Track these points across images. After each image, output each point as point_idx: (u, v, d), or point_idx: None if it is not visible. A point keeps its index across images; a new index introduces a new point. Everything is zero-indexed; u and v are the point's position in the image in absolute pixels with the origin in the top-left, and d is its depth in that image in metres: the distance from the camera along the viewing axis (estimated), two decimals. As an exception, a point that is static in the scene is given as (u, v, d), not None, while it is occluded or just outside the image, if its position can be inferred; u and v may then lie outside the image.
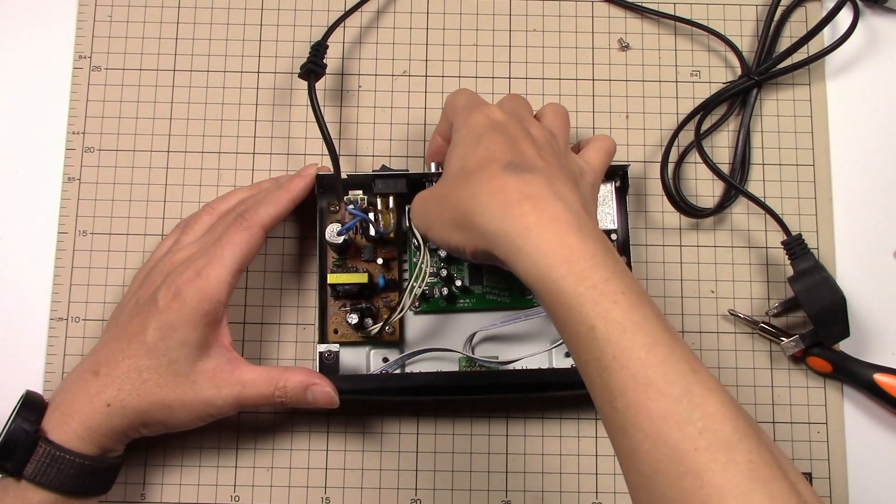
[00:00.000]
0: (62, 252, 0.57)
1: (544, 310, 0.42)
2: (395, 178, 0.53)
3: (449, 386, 0.52)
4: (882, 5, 0.61)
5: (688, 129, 0.58)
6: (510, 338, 0.55)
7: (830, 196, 0.58)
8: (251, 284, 0.57)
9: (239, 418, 0.55)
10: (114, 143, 0.58)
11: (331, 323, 0.54)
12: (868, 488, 0.55)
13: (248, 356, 0.56)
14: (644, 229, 0.58)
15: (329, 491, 0.54)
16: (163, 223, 0.57)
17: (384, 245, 0.54)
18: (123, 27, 0.60)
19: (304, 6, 0.61)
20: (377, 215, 0.53)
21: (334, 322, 0.54)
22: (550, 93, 0.59)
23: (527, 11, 0.61)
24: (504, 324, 0.53)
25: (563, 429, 0.55)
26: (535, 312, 0.53)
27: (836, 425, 0.55)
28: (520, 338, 0.55)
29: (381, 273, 0.54)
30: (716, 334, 0.56)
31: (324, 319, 0.54)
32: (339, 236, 0.52)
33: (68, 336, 0.56)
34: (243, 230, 0.50)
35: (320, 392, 0.49)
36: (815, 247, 0.57)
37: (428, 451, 0.55)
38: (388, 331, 0.53)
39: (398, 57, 0.60)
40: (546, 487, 0.54)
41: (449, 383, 0.52)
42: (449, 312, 0.55)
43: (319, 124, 0.52)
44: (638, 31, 0.60)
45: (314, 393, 0.49)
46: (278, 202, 0.51)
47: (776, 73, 0.58)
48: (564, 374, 0.53)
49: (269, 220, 0.51)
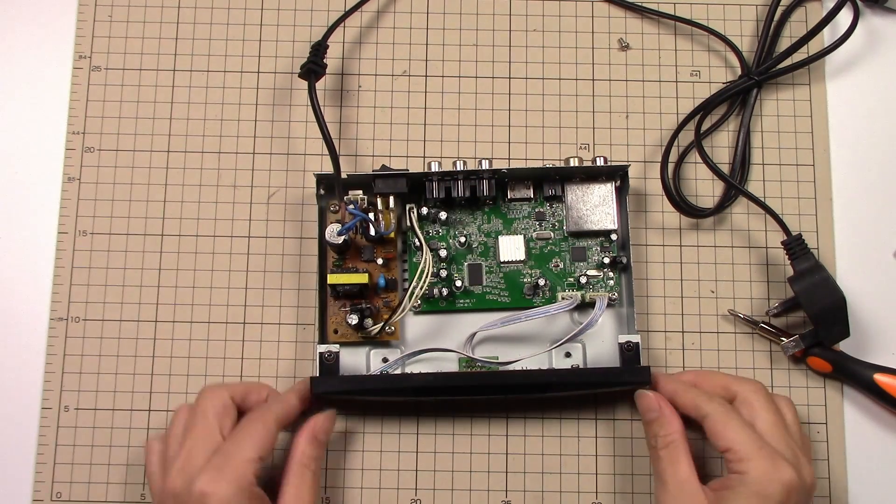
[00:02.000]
0: (62, 252, 0.57)
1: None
2: (395, 178, 0.53)
3: (449, 386, 0.52)
4: (882, 5, 0.61)
5: (688, 129, 0.58)
6: (510, 338, 0.55)
7: (830, 196, 0.58)
8: (251, 284, 0.57)
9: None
10: (114, 143, 0.58)
11: (331, 323, 0.54)
12: (868, 488, 0.55)
13: (248, 356, 0.56)
14: (644, 229, 0.58)
15: (329, 491, 0.54)
16: (163, 223, 0.57)
17: (384, 245, 0.54)
18: (123, 27, 0.60)
19: (303, 6, 0.61)
20: (377, 215, 0.53)
21: (334, 322, 0.54)
22: (550, 93, 0.60)
23: (527, 11, 0.61)
24: (504, 324, 0.53)
25: (563, 429, 0.55)
26: (535, 313, 0.53)
27: (836, 425, 0.55)
28: (520, 339, 0.55)
29: (381, 273, 0.54)
30: (716, 334, 0.56)
31: (324, 319, 0.54)
32: (339, 236, 0.52)
33: (68, 336, 0.56)
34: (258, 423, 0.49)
35: (322, 426, 0.51)
36: (815, 247, 0.57)
37: (428, 451, 0.55)
38: (388, 331, 0.53)
39: (398, 57, 0.60)
40: (546, 487, 0.54)
41: (449, 384, 0.52)
42: (449, 313, 0.55)
43: (319, 124, 0.52)
44: (638, 31, 0.60)
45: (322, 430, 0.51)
46: (286, 400, 0.52)
47: (776, 73, 0.58)
48: (564, 375, 0.53)
49: (284, 417, 0.51)
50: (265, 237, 0.57)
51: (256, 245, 0.57)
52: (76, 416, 0.55)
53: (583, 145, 0.59)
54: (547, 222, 0.55)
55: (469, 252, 0.55)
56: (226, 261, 0.57)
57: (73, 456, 0.55)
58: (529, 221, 0.55)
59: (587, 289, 0.55)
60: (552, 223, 0.55)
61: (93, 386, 0.55)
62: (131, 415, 0.55)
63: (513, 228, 0.55)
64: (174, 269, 0.57)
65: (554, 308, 0.53)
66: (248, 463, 0.47)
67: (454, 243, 0.55)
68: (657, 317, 0.56)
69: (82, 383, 0.55)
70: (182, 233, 0.57)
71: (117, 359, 0.56)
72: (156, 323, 0.56)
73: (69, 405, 0.55)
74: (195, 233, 0.57)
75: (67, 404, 0.55)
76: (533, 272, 0.55)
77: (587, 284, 0.54)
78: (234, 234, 0.57)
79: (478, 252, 0.55)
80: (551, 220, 0.55)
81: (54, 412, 0.55)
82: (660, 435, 0.49)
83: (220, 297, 0.56)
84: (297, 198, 0.58)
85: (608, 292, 0.54)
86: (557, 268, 0.55)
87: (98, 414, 0.55)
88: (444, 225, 0.55)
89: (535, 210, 0.55)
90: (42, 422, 0.55)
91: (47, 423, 0.55)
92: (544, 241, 0.55)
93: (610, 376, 0.52)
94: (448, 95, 0.59)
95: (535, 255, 0.55)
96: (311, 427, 0.50)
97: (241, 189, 0.58)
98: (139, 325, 0.56)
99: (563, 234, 0.55)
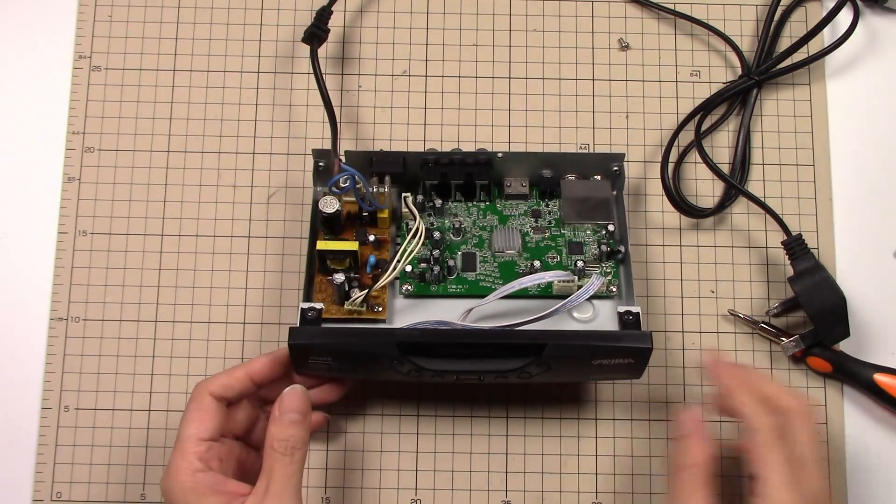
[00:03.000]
0: (62, 252, 0.57)
1: None
2: (392, 158, 0.52)
3: (437, 344, 0.47)
4: (882, 5, 0.61)
5: (688, 129, 0.58)
6: (504, 316, 0.52)
7: (830, 196, 0.58)
8: (251, 284, 0.57)
9: (239, 418, 0.55)
10: (114, 143, 0.58)
11: (316, 299, 0.52)
12: (868, 488, 0.55)
13: (248, 356, 0.56)
14: (644, 229, 0.58)
15: (329, 491, 0.54)
16: (163, 223, 0.57)
17: (377, 228, 0.53)
18: (123, 27, 0.60)
19: (303, 6, 0.61)
20: (372, 193, 0.52)
21: (320, 297, 0.52)
22: (550, 93, 0.60)
23: (527, 11, 0.61)
24: (499, 296, 0.50)
25: (563, 429, 0.55)
26: (529, 280, 0.51)
27: (836, 425, 0.55)
28: (514, 317, 0.51)
29: (372, 253, 0.53)
30: (716, 334, 0.56)
31: (309, 291, 0.52)
32: (332, 208, 0.51)
33: (68, 336, 0.56)
34: (192, 400, 0.47)
35: (289, 404, 0.46)
36: (815, 247, 0.57)
37: (428, 451, 0.55)
38: (376, 309, 0.51)
39: (398, 57, 0.60)
40: (546, 487, 0.54)
41: (437, 341, 0.47)
42: (441, 297, 0.53)
43: (320, 88, 0.52)
44: (638, 31, 0.60)
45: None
46: (231, 370, 0.49)
47: (776, 72, 0.58)
48: (560, 336, 0.48)
49: (217, 386, 0.47)
50: (265, 237, 0.57)
51: (256, 245, 0.57)
52: (76, 416, 0.55)
53: (583, 145, 0.59)
54: (543, 219, 0.55)
55: (463, 243, 0.54)
56: (226, 261, 0.57)
57: (73, 456, 0.55)
58: (525, 218, 0.55)
59: (583, 276, 0.53)
60: (548, 221, 0.55)
61: (93, 386, 0.55)
62: (131, 415, 0.55)
63: (508, 224, 0.55)
64: (174, 269, 0.57)
65: (549, 275, 0.51)
66: (188, 450, 0.45)
67: (449, 234, 0.54)
68: (657, 317, 0.56)
69: (82, 383, 0.55)
70: (182, 233, 0.57)
71: (117, 359, 0.56)
72: (156, 323, 0.56)
73: (69, 405, 0.55)
74: (195, 233, 0.57)
75: (67, 404, 0.55)
76: (528, 263, 0.53)
77: (584, 272, 0.53)
78: (234, 234, 0.57)
79: (472, 243, 0.54)
80: (547, 218, 0.55)
81: (54, 412, 0.55)
82: (687, 455, 0.46)
83: (220, 297, 0.56)
84: (297, 198, 0.58)
85: (608, 281, 0.53)
86: (554, 260, 0.54)
87: (98, 414, 0.55)
88: (440, 215, 0.54)
89: (532, 208, 0.55)
90: (42, 422, 0.55)
91: (47, 423, 0.55)
92: (541, 235, 0.54)
93: (609, 339, 0.48)
94: (448, 95, 0.59)
95: (530, 247, 0.54)
96: (276, 406, 0.46)
97: (241, 189, 0.58)
98: (139, 325, 0.56)
99: (560, 229, 0.54)
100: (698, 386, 0.55)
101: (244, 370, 0.49)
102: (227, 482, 0.45)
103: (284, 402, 0.46)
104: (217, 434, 0.46)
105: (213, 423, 0.46)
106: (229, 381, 0.48)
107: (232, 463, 0.48)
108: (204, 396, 0.47)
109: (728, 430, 0.54)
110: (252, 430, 0.50)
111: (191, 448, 0.45)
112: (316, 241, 0.52)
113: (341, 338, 0.48)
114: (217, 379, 0.48)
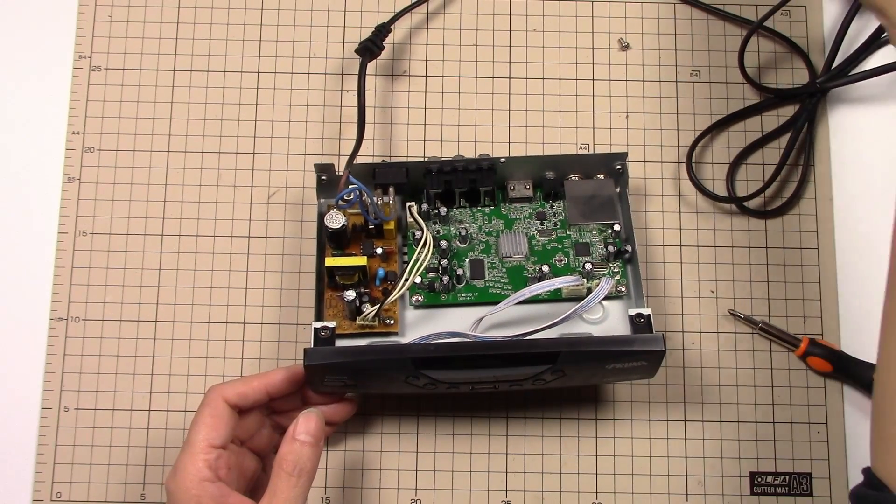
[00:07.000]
0: (62, 252, 0.57)
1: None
2: (395, 168, 0.52)
3: (451, 357, 0.47)
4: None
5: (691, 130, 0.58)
6: (515, 324, 0.53)
7: (830, 196, 0.58)
8: (251, 284, 0.57)
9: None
10: (114, 143, 0.58)
11: (327, 315, 0.52)
12: (868, 488, 0.55)
13: (248, 356, 0.56)
14: (644, 229, 0.58)
15: (329, 491, 0.54)
16: (163, 223, 0.57)
17: (384, 239, 0.54)
18: (123, 27, 0.60)
19: (303, 6, 0.61)
20: (377, 206, 0.52)
21: (330, 315, 0.52)
22: (550, 93, 0.60)
23: (527, 11, 0.61)
24: (510, 303, 0.51)
25: (563, 429, 0.55)
26: (540, 287, 0.51)
27: (836, 425, 0.55)
28: (525, 325, 0.52)
29: (380, 266, 0.53)
30: (716, 334, 0.56)
31: (321, 305, 0.52)
32: (338, 214, 0.51)
33: (68, 336, 0.56)
34: (206, 404, 0.47)
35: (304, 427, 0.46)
36: (816, 247, 0.57)
37: (428, 451, 0.55)
38: (388, 322, 0.52)
39: (398, 57, 0.60)
40: (546, 487, 0.54)
41: (451, 354, 0.47)
42: (451, 307, 0.54)
43: (360, 100, 0.53)
44: (638, 31, 0.60)
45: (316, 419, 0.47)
46: (247, 379, 0.49)
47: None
48: (573, 343, 0.48)
49: (234, 394, 0.47)
50: (265, 237, 0.57)
51: (256, 245, 0.57)
52: (76, 416, 0.55)
53: (583, 145, 0.59)
54: (549, 221, 0.55)
55: (470, 249, 0.54)
56: (226, 261, 0.57)
57: (73, 456, 0.55)
58: (531, 221, 0.55)
59: (592, 278, 0.53)
60: (554, 223, 0.55)
61: (93, 386, 0.55)
62: (131, 415, 0.55)
63: (514, 228, 0.55)
64: (174, 269, 0.57)
65: (559, 281, 0.51)
66: (198, 455, 0.45)
67: (455, 241, 0.54)
68: (657, 317, 0.56)
69: (82, 383, 0.55)
70: (182, 233, 0.57)
71: (117, 359, 0.56)
72: (156, 323, 0.56)
73: (69, 405, 0.55)
74: (195, 233, 0.57)
75: (67, 404, 0.55)
76: (536, 267, 0.54)
77: (592, 274, 0.53)
78: (234, 234, 0.57)
79: (479, 249, 0.54)
80: (553, 220, 0.55)
81: (54, 412, 0.55)
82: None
83: (220, 297, 0.56)
84: (297, 198, 0.58)
85: (616, 282, 0.53)
86: (562, 262, 0.54)
87: (98, 414, 0.55)
88: (445, 223, 0.55)
89: (536, 210, 0.55)
90: (42, 422, 0.55)
91: (47, 423, 0.55)
92: (547, 237, 0.54)
93: (622, 344, 0.48)
94: (448, 95, 0.59)
95: (537, 251, 0.54)
96: (291, 427, 0.46)
97: (241, 189, 0.58)
98: (139, 325, 0.56)
99: (566, 231, 0.55)
100: (698, 386, 0.55)
101: (261, 382, 0.48)
102: (231, 495, 0.45)
103: (300, 424, 0.46)
104: (228, 441, 0.46)
105: (225, 429, 0.46)
106: (246, 390, 0.48)
107: (237, 471, 0.48)
108: (219, 402, 0.47)
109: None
110: (255, 435, 0.50)
111: (201, 453, 0.45)
112: (324, 258, 0.52)
113: (356, 356, 0.48)
114: (234, 386, 0.48)
